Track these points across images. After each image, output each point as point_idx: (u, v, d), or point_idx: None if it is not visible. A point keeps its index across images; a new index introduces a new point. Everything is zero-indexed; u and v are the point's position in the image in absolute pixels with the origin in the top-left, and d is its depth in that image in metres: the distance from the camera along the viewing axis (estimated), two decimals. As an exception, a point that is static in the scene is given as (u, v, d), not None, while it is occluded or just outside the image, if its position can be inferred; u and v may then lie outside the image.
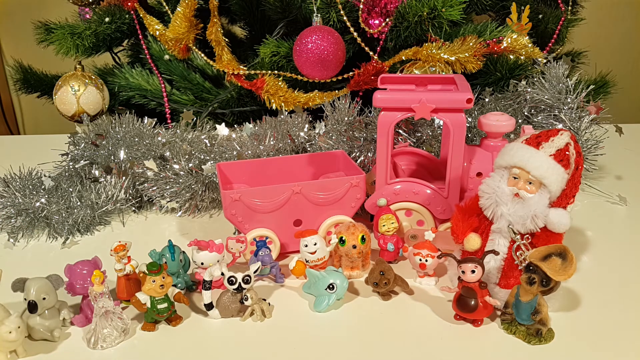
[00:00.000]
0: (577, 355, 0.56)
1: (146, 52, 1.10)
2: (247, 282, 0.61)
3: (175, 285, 0.64)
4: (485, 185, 0.62)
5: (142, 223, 0.86)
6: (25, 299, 0.58)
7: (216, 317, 0.62)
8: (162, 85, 1.09)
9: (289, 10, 0.99)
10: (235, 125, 0.96)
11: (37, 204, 0.81)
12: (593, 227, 0.80)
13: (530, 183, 0.59)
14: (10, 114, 1.97)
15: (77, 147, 0.93)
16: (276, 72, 0.97)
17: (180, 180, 0.84)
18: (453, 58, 0.86)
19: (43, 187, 0.86)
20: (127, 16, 1.09)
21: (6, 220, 0.81)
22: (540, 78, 0.91)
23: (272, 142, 0.87)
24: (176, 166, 0.84)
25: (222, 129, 0.92)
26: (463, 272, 0.59)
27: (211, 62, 1.02)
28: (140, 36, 1.09)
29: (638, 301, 0.64)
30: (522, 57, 0.92)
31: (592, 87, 0.91)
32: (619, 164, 1.00)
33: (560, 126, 0.87)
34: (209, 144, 0.89)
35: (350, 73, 0.94)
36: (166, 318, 0.62)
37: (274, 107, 0.95)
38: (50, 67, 1.21)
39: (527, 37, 0.90)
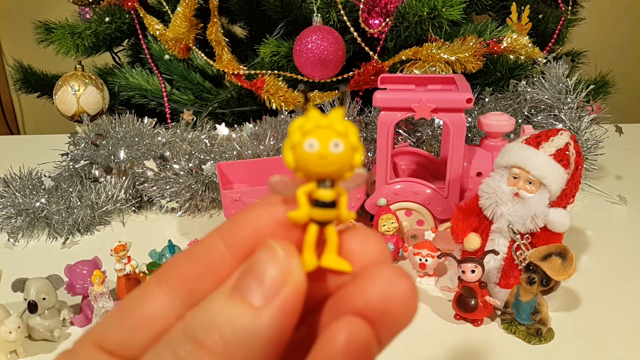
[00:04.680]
0: (577, 355, 0.56)
1: (146, 52, 1.10)
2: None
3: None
4: (485, 185, 0.62)
5: (142, 223, 0.86)
6: (25, 299, 0.58)
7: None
8: (162, 85, 1.09)
9: (289, 10, 0.99)
10: (235, 125, 0.96)
11: (37, 204, 0.81)
12: (593, 226, 0.80)
13: (530, 183, 0.59)
14: (10, 114, 1.97)
15: (77, 147, 0.92)
16: (276, 72, 0.97)
17: (180, 180, 0.84)
18: (453, 58, 0.86)
19: (43, 187, 0.85)
20: (127, 16, 1.09)
21: (6, 220, 0.81)
22: (540, 78, 0.91)
23: (272, 142, 0.87)
24: (176, 166, 0.84)
25: (222, 129, 0.92)
26: (463, 271, 0.59)
27: (211, 62, 1.02)
28: (140, 36, 1.09)
29: (638, 301, 0.64)
30: (522, 57, 0.92)
31: (592, 87, 0.90)
32: (619, 164, 0.99)
33: (560, 126, 0.87)
34: (209, 144, 0.89)
35: (350, 73, 0.94)
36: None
37: (274, 107, 0.95)
38: (50, 67, 1.21)
39: (527, 37, 0.90)
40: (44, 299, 0.58)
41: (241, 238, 0.21)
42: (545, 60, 0.94)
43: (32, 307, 0.57)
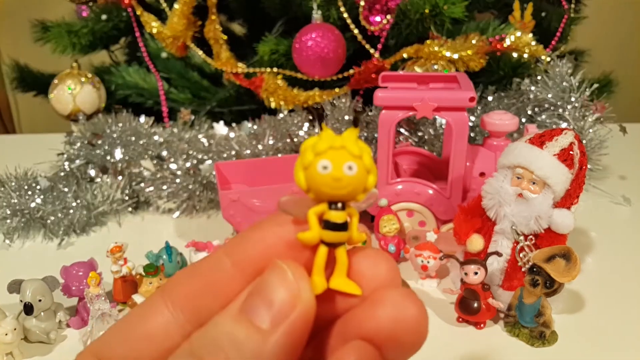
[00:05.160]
0: (581, 358, 0.56)
1: (143, 50, 1.09)
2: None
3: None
4: (488, 185, 0.61)
5: (139, 224, 0.85)
6: (21, 301, 0.57)
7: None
8: (160, 83, 1.08)
9: (288, 7, 0.98)
10: (233, 124, 0.95)
11: (33, 204, 0.80)
12: (597, 227, 0.80)
13: (534, 183, 0.58)
14: (7, 113, 1.96)
15: (73, 147, 0.92)
16: (275, 70, 0.96)
17: (178, 181, 0.83)
18: (455, 56, 0.85)
19: (39, 187, 0.84)
20: (124, 14, 1.08)
21: (1, 220, 0.80)
22: (544, 76, 0.90)
23: (271, 142, 0.86)
24: (173, 166, 0.83)
25: (220, 128, 0.91)
26: (466, 273, 0.58)
27: (209, 60, 1.01)
28: (137, 34, 1.08)
29: (643, 303, 0.64)
30: (525, 55, 0.91)
31: (595, 85, 0.90)
32: (623, 164, 0.99)
33: (564, 125, 0.87)
34: (206, 144, 0.88)
35: (351, 71, 0.93)
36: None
37: (273, 106, 0.94)
38: (47, 65, 1.20)
39: (530, 35, 0.89)
40: (39, 300, 0.57)
41: (249, 257, 0.21)
42: (548, 59, 0.94)
43: (28, 309, 0.57)
